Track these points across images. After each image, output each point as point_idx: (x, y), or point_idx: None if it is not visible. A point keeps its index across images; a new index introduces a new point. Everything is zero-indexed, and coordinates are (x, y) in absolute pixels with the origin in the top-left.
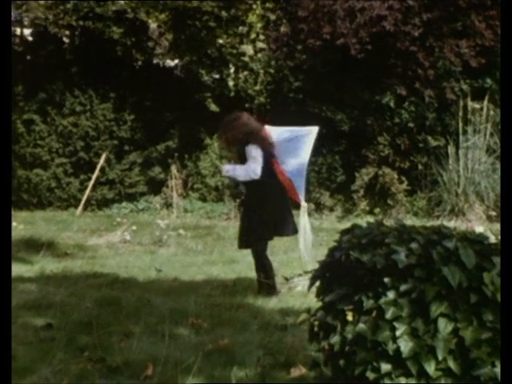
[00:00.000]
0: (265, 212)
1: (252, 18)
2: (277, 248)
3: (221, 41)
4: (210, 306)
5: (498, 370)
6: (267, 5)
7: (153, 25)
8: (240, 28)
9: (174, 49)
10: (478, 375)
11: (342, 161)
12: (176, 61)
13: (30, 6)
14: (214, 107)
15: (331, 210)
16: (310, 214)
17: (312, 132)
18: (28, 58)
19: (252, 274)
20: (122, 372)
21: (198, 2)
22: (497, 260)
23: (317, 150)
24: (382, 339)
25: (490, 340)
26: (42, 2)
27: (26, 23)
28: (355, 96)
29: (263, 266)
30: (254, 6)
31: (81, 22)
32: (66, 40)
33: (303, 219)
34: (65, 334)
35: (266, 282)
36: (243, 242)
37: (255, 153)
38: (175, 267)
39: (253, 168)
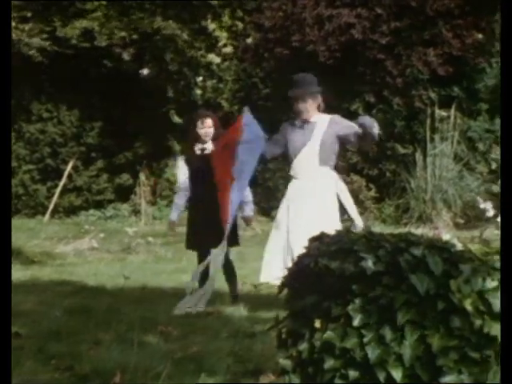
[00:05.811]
0: None
1: (219, 30)
2: (247, 255)
3: (186, 51)
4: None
5: (464, 377)
6: (236, 14)
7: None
8: (206, 39)
9: (137, 59)
10: (444, 383)
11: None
12: (144, 70)
13: None
14: (176, 119)
15: None
16: None
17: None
18: None
19: (221, 281)
20: (90, 380)
21: (159, 23)
22: (464, 267)
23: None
24: (350, 346)
25: (457, 347)
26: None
27: None
28: (324, 103)
29: None
30: (222, 15)
31: (55, 47)
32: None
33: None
34: (34, 343)
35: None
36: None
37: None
38: (145, 275)
39: None
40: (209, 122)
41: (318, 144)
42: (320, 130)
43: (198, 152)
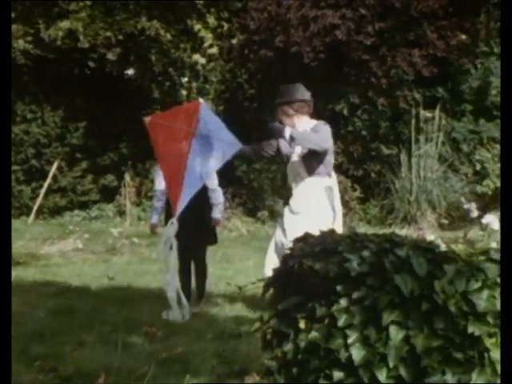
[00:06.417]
0: None
1: (204, 31)
2: (232, 256)
3: (171, 52)
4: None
5: (448, 377)
6: (221, 15)
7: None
8: (191, 40)
9: (122, 60)
10: (428, 383)
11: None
12: (129, 71)
13: None
14: None
15: None
16: (263, 222)
17: (235, 146)
18: None
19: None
20: (74, 381)
21: (144, 23)
22: (448, 268)
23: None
24: (335, 347)
25: (441, 348)
26: None
27: None
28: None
29: None
30: (208, 16)
31: (38, 51)
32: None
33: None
34: (17, 344)
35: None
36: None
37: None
38: (129, 275)
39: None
40: None
41: (299, 156)
42: None
43: None
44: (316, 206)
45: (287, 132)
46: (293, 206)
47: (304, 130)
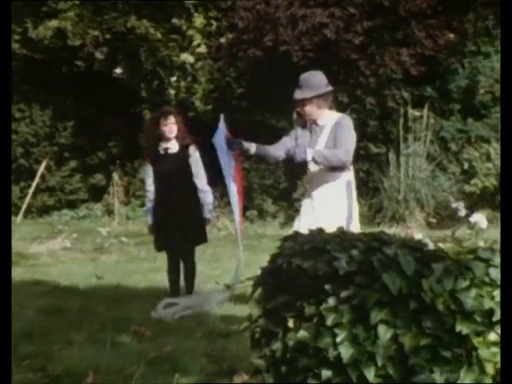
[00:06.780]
0: None
1: (192, 30)
2: (221, 255)
3: (160, 50)
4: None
5: (436, 376)
6: (210, 13)
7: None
8: (180, 38)
9: (111, 59)
10: (416, 382)
11: (285, 168)
12: (117, 69)
13: None
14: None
15: (274, 216)
16: (252, 221)
17: None
18: None
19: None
20: (62, 380)
21: (133, 22)
22: (436, 266)
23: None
24: (323, 346)
25: (429, 347)
26: None
27: None
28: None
29: None
30: (196, 15)
31: (24, 50)
32: None
33: None
34: None
35: None
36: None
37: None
38: (118, 275)
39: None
40: (172, 118)
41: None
42: (325, 135)
43: (162, 152)
44: (336, 203)
45: (309, 155)
46: (313, 200)
47: (327, 130)
